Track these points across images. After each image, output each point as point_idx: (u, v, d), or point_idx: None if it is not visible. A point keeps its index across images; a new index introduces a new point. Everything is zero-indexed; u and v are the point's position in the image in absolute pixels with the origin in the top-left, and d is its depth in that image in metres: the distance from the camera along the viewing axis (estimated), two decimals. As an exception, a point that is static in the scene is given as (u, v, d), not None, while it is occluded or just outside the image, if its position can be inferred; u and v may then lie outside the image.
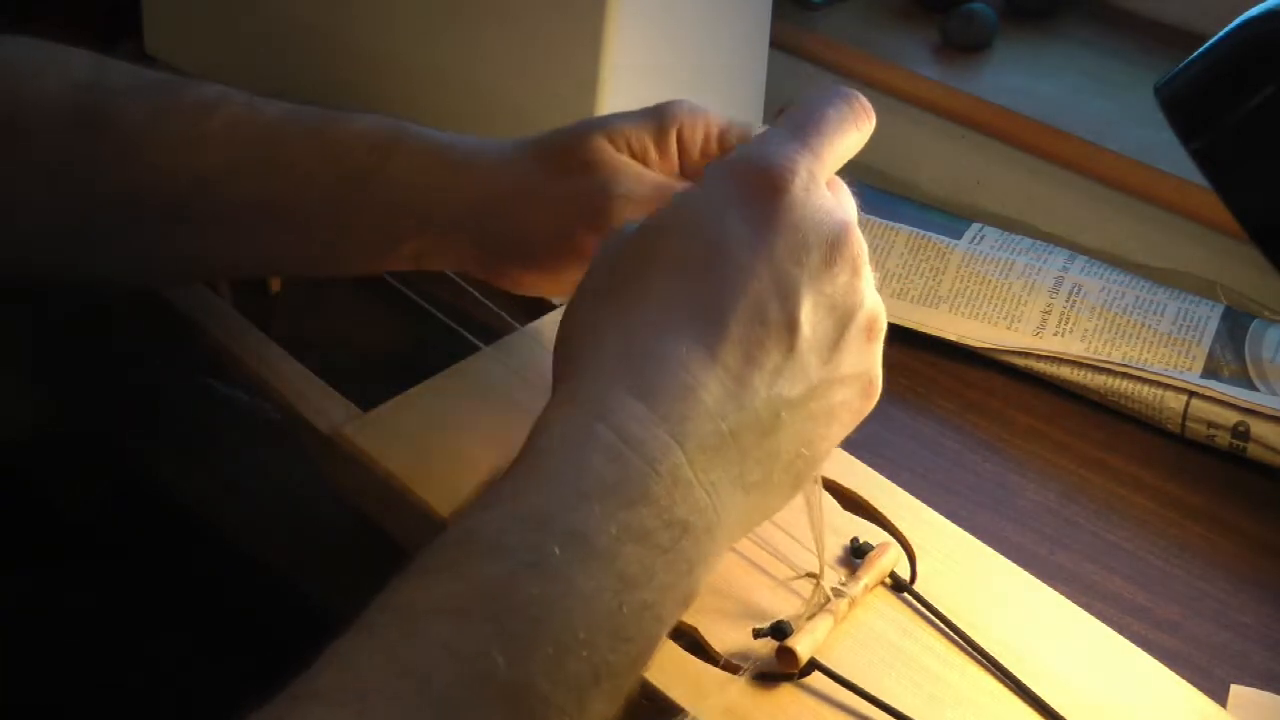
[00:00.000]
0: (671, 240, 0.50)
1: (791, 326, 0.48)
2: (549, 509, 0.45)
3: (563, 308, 0.74)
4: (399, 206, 0.63)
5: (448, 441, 0.65)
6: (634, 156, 0.61)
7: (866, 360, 0.51)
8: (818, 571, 0.59)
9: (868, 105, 0.54)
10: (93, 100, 0.64)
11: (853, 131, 0.53)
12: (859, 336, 0.50)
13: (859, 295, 0.50)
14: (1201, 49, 0.57)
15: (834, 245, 0.49)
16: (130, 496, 0.77)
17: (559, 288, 0.65)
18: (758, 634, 0.57)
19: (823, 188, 0.51)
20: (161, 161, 0.63)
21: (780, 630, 0.56)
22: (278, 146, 0.63)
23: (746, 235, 0.49)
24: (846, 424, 0.52)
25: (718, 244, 0.49)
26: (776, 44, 0.92)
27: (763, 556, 0.61)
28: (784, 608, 0.58)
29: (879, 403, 0.77)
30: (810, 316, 0.48)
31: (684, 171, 0.63)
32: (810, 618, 0.57)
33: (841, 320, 0.49)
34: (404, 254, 0.65)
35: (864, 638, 0.58)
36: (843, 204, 0.52)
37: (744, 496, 0.48)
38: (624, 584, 0.45)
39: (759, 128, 0.61)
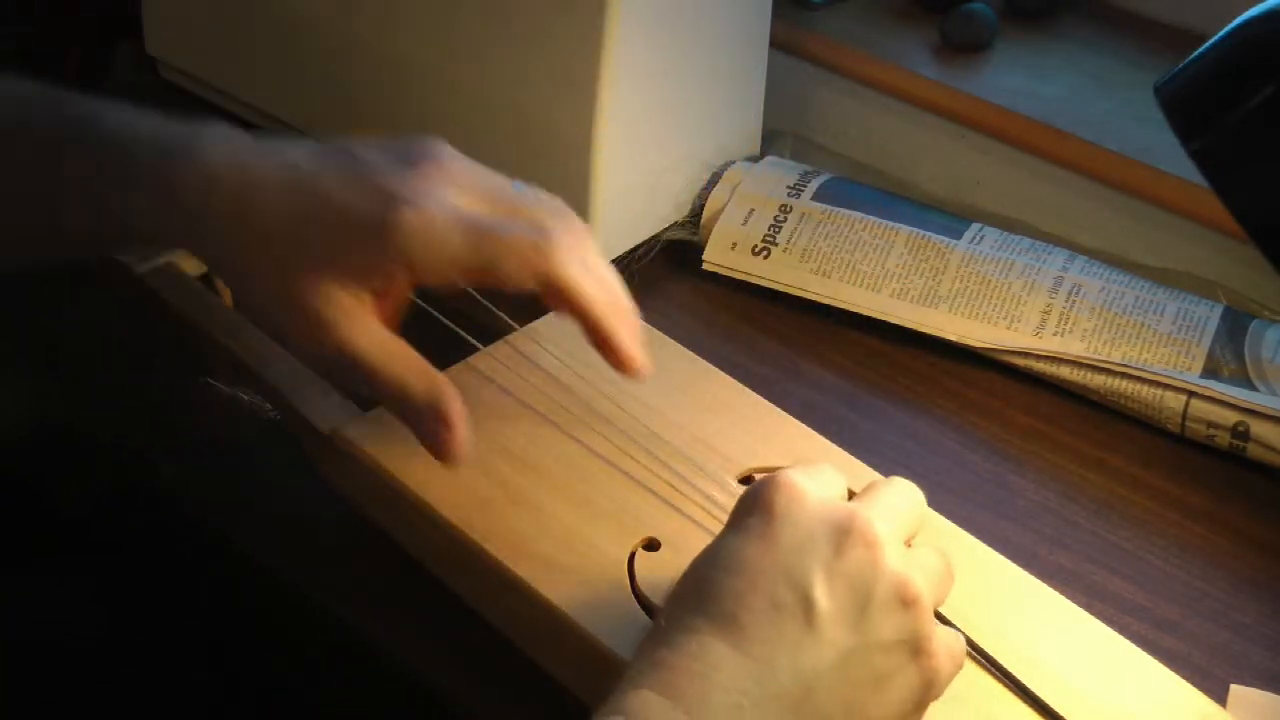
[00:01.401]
0: (691, 570, 0.54)
1: (807, 604, 0.51)
2: None
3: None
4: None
5: (447, 441, 0.65)
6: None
7: (908, 625, 0.52)
8: None
9: None
10: None
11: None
12: (889, 604, 0.52)
13: (880, 567, 0.52)
14: (1201, 49, 0.57)
15: (842, 531, 0.52)
16: (129, 496, 0.77)
17: None
18: None
19: (819, 491, 0.55)
20: None
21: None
22: None
23: (751, 542, 0.53)
24: (905, 689, 0.53)
25: (725, 557, 0.53)
26: (776, 44, 0.92)
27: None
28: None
29: (878, 402, 0.78)
30: (826, 591, 0.51)
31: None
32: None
33: (864, 591, 0.52)
34: None
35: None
36: (861, 506, 0.55)
37: None
38: None
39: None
